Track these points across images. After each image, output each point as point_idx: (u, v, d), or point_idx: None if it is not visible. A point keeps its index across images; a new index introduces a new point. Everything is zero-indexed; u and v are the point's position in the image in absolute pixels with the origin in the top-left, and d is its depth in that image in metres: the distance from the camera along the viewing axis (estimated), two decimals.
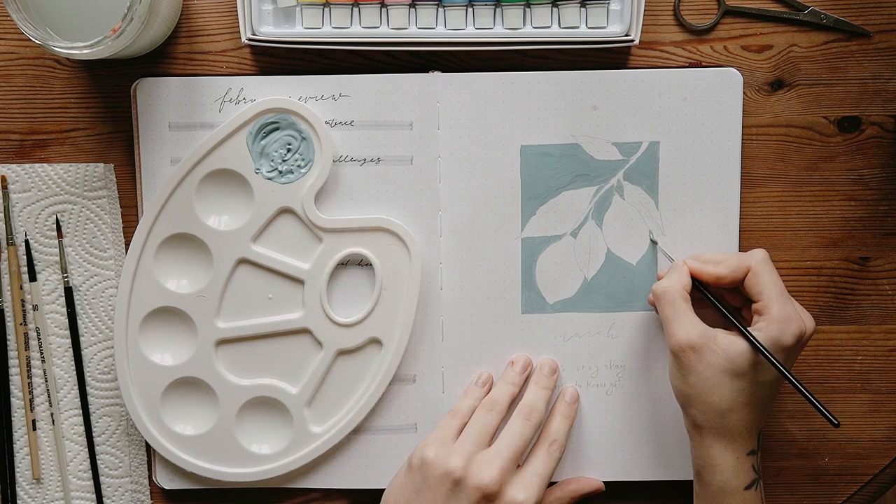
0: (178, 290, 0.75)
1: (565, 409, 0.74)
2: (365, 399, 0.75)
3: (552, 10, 0.73)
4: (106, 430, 0.77)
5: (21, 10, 0.66)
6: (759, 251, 0.70)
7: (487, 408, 0.71)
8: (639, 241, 0.75)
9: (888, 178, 0.76)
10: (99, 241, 0.76)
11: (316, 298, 0.75)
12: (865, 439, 0.78)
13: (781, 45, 0.75)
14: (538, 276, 0.75)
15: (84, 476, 0.77)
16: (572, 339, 0.76)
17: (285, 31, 0.73)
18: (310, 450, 0.75)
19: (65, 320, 0.76)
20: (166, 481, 0.77)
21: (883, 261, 0.77)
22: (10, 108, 0.76)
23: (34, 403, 0.76)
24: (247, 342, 0.75)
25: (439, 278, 0.75)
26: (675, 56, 0.75)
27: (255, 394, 0.75)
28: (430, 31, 0.73)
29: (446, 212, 0.75)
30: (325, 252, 0.74)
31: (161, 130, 0.74)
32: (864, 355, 0.77)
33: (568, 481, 0.75)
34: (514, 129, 0.74)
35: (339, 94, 0.74)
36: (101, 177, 0.75)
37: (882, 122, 0.75)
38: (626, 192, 0.75)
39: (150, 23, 0.68)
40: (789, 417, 0.78)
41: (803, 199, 0.76)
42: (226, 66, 0.75)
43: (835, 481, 0.78)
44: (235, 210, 0.75)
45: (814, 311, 0.77)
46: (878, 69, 0.75)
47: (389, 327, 0.75)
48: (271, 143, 0.73)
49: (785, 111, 0.75)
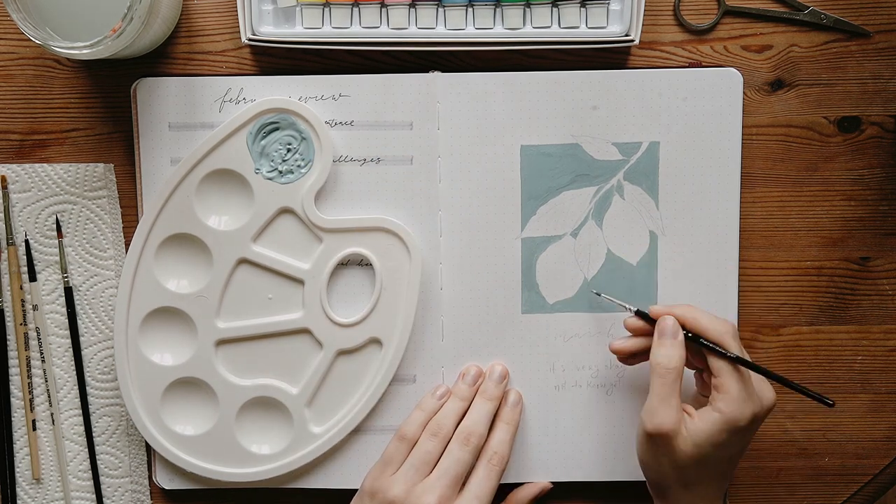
0: (178, 290, 0.75)
1: (507, 414, 0.74)
2: (365, 399, 0.75)
3: (552, 10, 0.73)
4: (106, 430, 0.77)
5: (21, 10, 0.66)
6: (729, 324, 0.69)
7: (432, 432, 0.72)
8: (639, 241, 0.75)
9: (888, 178, 0.76)
10: (99, 241, 0.76)
11: (316, 298, 0.75)
12: (865, 439, 0.78)
13: (781, 45, 0.75)
14: (538, 276, 0.75)
15: (84, 476, 0.77)
16: (572, 339, 0.76)
17: (285, 31, 0.73)
18: (310, 450, 0.75)
19: (65, 320, 0.76)
20: (166, 481, 0.77)
21: (883, 261, 0.77)
22: (10, 108, 0.76)
23: (34, 403, 0.76)
24: (247, 342, 0.75)
25: (439, 278, 0.75)
26: (675, 56, 0.75)
27: (255, 394, 0.75)
28: (430, 31, 0.73)
29: (446, 212, 0.75)
30: (325, 252, 0.74)
31: (161, 130, 0.74)
32: (864, 355, 0.77)
33: (515, 491, 0.76)
34: (514, 129, 0.74)
35: (339, 94, 0.74)
36: (100, 177, 0.75)
37: (882, 122, 0.75)
38: (626, 192, 0.75)
39: (150, 23, 0.68)
40: (789, 417, 0.78)
41: (803, 199, 0.76)
42: (226, 66, 0.75)
43: (835, 481, 0.78)
44: (235, 210, 0.75)
45: (814, 311, 0.77)
46: (878, 69, 0.75)
47: (389, 327, 0.75)
48: (271, 143, 0.73)
49: (785, 111, 0.75)
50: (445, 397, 0.74)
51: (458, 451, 0.71)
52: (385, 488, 0.70)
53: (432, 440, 0.71)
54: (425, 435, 0.72)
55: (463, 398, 0.74)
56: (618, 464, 0.77)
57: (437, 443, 0.71)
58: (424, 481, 0.70)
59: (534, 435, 0.76)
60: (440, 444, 0.71)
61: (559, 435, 0.76)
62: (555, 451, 0.77)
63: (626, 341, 0.72)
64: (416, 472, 0.70)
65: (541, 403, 0.76)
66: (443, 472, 0.70)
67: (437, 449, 0.71)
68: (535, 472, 0.77)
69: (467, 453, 0.71)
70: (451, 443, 0.71)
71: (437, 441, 0.71)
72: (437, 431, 0.72)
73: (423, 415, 0.73)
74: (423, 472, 0.70)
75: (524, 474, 0.77)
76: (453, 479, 0.70)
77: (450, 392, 0.75)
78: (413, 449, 0.72)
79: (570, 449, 0.76)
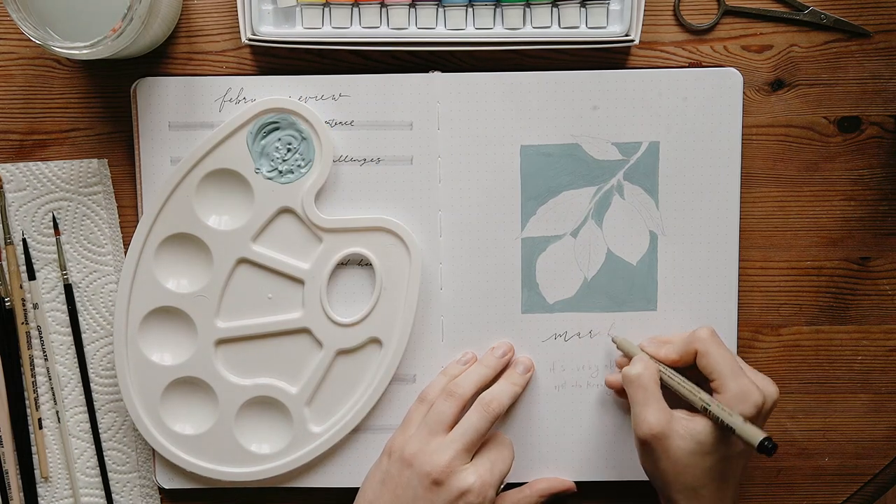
0: (177, 289, 0.75)
1: (515, 376, 0.74)
2: (365, 399, 0.75)
3: (552, 10, 0.73)
4: (112, 426, 0.77)
5: (21, 10, 0.66)
6: (704, 330, 0.70)
7: (447, 393, 0.72)
8: (639, 241, 0.75)
9: (888, 178, 0.76)
10: (96, 236, 0.76)
11: (316, 298, 0.75)
12: (865, 439, 0.78)
13: (781, 45, 0.75)
14: (538, 276, 0.75)
15: (92, 473, 0.77)
16: (572, 339, 0.76)
17: (285, 31, 0.73)
18: (310, 449, 0.75)
19: (65, 318, 0.76)
20: (166, 481, 0.77)
21: (883, 261, 0.77)
22: (10, 108, 0.76)
23: (39, 402, 0.77)
24: (246, 342, 0.75)
25: (439, 278, 0.75)
26: (675, 56, 0.75)
27: (254, 393, 0.75)
28: (430, 31, 0.73)
29: (446, 212, 0.75)
30: (325, 252, 0.74)
31: (161, 130, 0.74)
32: (864, 355, 0.77)
33: (538, 480, 0.76)
34: (514, 129, 0.74)
35: (339, 94, 0.74)
36: (95, 172, 0.75)
37: (882, 122, 0.75)
38: (626, 192, 0.75)
39: (150, 23, 0.68)
40: (789, 417, 0.78)
41: (803, 199, 0.76)
42: (226, 66, 0.75)
43: (835, 481, 0.78)
44: (235, 210, 0.75)
45: (814, 311, 0.77)
46: (878, 69, 0.75)
47: (389, 327, 0.75)
48: (271, 142, 0.73)
49: (785, 111, 0.75)
50: (470, 363, 0.75)
51: (475, 416, 0.71)
52: (400, 447, 0.70)
53: (448, 400, 0.71)
54: (441, 395, 0.72)
55: (488, 366, 0.74)
56: (618, 464, 0.77)
57: (451, 403, 0.71)
58: (440, 441, 0.70)
59: (533, 434, 0.76)
60: (455, 405, 0.71)
61: (559, 435, 0.76)
62: (555, 450, 0.77)
63: (618, 376, 0.74)
64: (429, 432, 0.70)
65: (541, 403, 0.76)
66: (459, 435, 0.70)
67: (451, 409, 0.71)
68: (535, 472, 0.77)
69: (485, 420, 0.70)
70: (472, 408, 0.71)
71: (453, 401, 0.71)
72: (453, 391, 0.72)
73: (446, 379, 0.74)
74: (436, 430, 0.70)
75: (524, 474, 0.77)
76: (468, 441, 0.70)
77: (475, 359, 0.75)
78: (430, 410, 0.72)
79: (571, 449, 0.76)
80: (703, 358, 0.69)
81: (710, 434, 0.67)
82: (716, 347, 0.69)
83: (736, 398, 0.66)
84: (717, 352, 0.69)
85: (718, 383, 0.68)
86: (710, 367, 0.68)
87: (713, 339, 0.69)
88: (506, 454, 0.71)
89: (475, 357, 0.75)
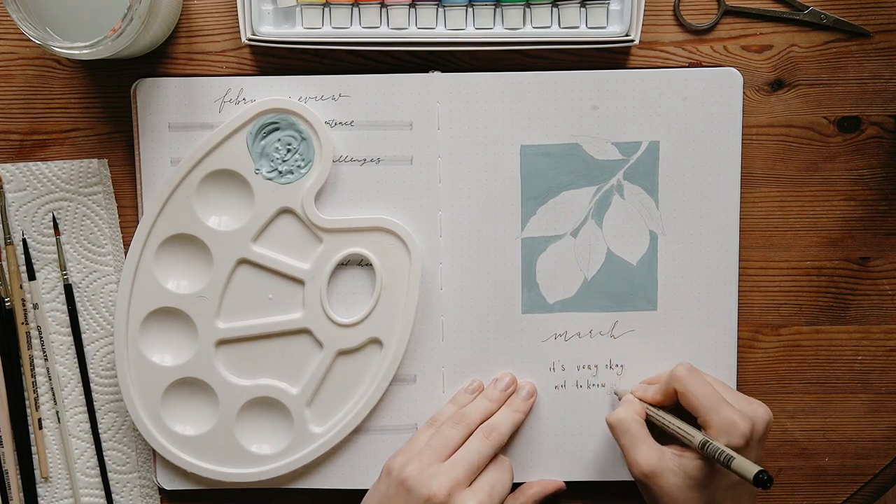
0: (178, 290, 0.75)
1: (518, 403, 0.75)
2: (365, 399, 0.75)
3: (552, 10, 0.73)
4: (112, 426, 0.77)
5: (21, 10, 0.66)
6: (680, 367, 0.70)
7: (455, 421, 0.72)
8: (639, 241, 0.75)
9: (888, 178, 0.76)
10: (96, 236, 0.76)
11: (316, 298, 0.75)
12: (865, 439, 0.78)
13: (781, 45, 0.75)
14: (538, 276, 0.75)
15: (92, 473, 0.77)
16: (572, 339, 0.76)
17: (285, 31, 0.73)
18: (310, 450, 0.75)
19: (65, 318, 0.76)
20: (166, 482, 0.77)
21: (883, 261, 0.77)
22: (10, 108, 0.76)
23: (39, 402, 0.77)
24: (247, 342, 0.75)
25: (439, 278, 0.75)
26: (675, 56, 0.75)
27: (255, 394, 0.75)
28: (430, 31, 0.73)
29: (446, 212, 0.75)
30: (325, 252, 0.74)
31: (161, 131, 0.74)
32: (864, 355, 0.77)
33: (529, 485, 0.76)
34: (514, 129, 0.74)
35: (339, 94, 0.74)
36: (95, 172, 0.75)
37: (882, 122, 0.75)
38: (626, 191, 0.75)
39: (150, 23, 0.68)
40: (789, 417, 0.78)
41: (803, 199, 0.76)
42: (226, 66, 0.75)
43: (835, 481, 0.79)
44: (235, 210, 0.75)
45: (814, 311, 0.77)
46: (878, 69, 0.75)
47: (389, 327, 0.75)
48: (271, 143, 0.73)
49: (785, 111, 0.75)
50: (477, 392, 0.75)
51: (477, 443, 0.71)
52: (400, 466, 0.70)
53: (455, 427, 0.72)
54: (448, 422, 0.72)
55: (491, 399, 0.74)
56: (618, 464, 0.77)
57: (458, 430, 0.72)
58: (440, 464, 0.70)
59: (533, 435, 0.76)
60: (461, 433, 0.72)
61: (559, 435, 0.76)
62: (555, 450, 0.77)
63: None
64: (433, 454, 0.70)
65: (541, 403, 0.76)
66: (459, 460, 0.70)
67: (457, 436, 0.71)
68: (535, 472, 0.77)
69: (487, 447, 0.71)
70: (473, 435, 0.72)
71: (460, 429, 0.72)
72: (461, 420, 0.72)
73: (455, 408, 0.74)
74: (440, 454, 0.70)
75: (524, 474, 0.77)
76: (469, 468, 0.70)
77: (482, 386, 0.75)
78: (434, 434, 0.72)
79: (571, 449, 0.77)
80: (683, 397, 0.69)
81: (701, 469, 0.67)
82: (693, 384, 0.69)
83: (721, 431, 0.66)
84: (696, 388, 0.68)
85: (702, 419, 0.67)
86: (691, 405, 0.68)
87: (690, 375, 0.69)
88: (505, 478, 0.71)
89: (482, 385, 0.76)
